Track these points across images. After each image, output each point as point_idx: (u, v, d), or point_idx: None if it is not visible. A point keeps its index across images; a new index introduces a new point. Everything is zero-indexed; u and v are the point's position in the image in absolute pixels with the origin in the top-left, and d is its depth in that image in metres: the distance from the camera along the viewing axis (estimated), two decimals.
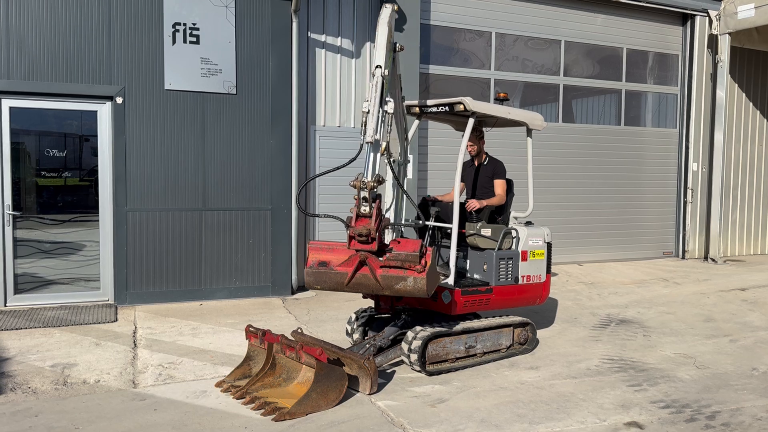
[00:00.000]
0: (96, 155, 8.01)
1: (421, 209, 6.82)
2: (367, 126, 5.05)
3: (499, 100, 6.73)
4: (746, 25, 11.63)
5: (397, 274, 4.83)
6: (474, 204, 6.44)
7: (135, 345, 6.37)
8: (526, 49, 11.13)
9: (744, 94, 13.06)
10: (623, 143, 12.09)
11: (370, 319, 6.46)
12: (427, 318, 6.08)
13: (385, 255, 4.88)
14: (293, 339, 5.40)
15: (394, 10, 5.68)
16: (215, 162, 8.34)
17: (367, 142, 5.03)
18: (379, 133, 5.09)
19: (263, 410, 4.64)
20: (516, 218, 6.68)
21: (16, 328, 6.78)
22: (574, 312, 8.20)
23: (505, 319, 6.21)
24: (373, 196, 4.87)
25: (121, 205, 7.93)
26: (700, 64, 12.41)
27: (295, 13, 8.58)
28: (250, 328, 5.34)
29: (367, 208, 4.86)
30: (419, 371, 5.58)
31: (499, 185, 6.70)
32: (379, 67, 5.21)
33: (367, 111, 5.07)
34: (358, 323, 6.43)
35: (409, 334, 5.61)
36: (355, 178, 4.89)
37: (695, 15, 12.25)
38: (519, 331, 6.31)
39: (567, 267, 11.29)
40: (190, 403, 4.87)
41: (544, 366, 5.98)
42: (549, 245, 6.62)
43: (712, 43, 12.40)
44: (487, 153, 6.87)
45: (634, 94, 12.23)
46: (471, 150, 6.74)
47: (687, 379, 5.68)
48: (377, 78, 5.18)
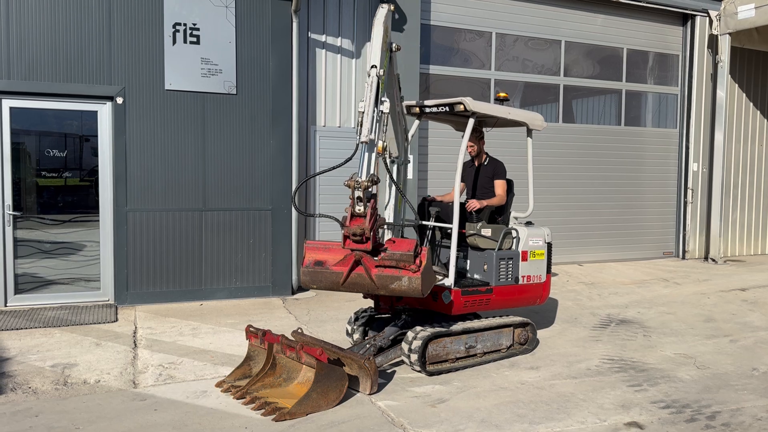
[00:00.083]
0: (96, 155, 8.02)
1: (421, 209, 6.83)
2: (362, 126, 5.06)
3: (500, 101, 6.73)
4: (746, 26, 11.63)
5: (392, 273, 4.83)
6: (474, 204, 6.44)
7: (135, 345, 6.37)
8: (527, 50, 11.13)
9: (744, 95, 13.06)
10: (623, 143, 12.09)
11: (371, 319, 6.46)
12: (427, 318, 6.08)
13: (380, 254, 4.88)
14: (293, 339, 5.40)
15: (391, 10, 5.69)
16: (215, 162, 8.34)
17: (362, 142, 5.04)
18: (374, 132, 5.10)
19: (263, 410, 4.64)
20: (516, 218, 6.68)
21: (17, 328, 6.79)
22: (575, 312, 8.20)
23: (505, 320, 6.21)
24: (367, 196, 4.87)
25: (122, 205, 7.93)
26: (701, 65, 12.41)
27: (295, 13, 8.58)
28: (251, 328, 5.34)
29: (361, 207, 4.86)
30: (419, 371, 5.58)
31: (500, 185, 6.70)
32: (375, 67, 5.22)
33: (363, 111, 5.09)
34: (358, 323, 6.43)
35: (410, 335, 5.61)
36: (349, 178, 4.90)
37: (695, 15, 12.25)
38: (519, 332, 6.31)
39: (567, 267, 11.29)
40: (191, 403, 4.87)
41: (545, 366, 5.98)
42: (549, 245, 6.62)
43: (713, 43, 12.39)
44: (487, 153, 6.87)
45: (635, 94, 12.23)
46: (471, 150, 6.75)
47: (687, 379, 5.68)
48: (372, 78, 5.20)
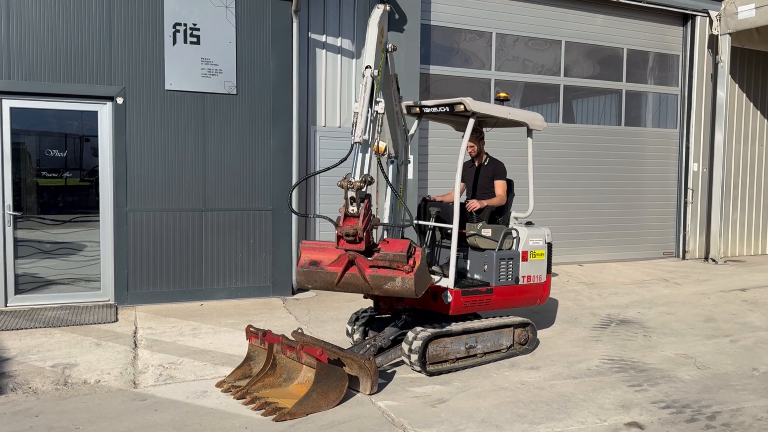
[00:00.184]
0: (96, 155, 8.02)
1: (421, 209, 6.83)
2: (356, 126, 5.07)
3: (500, 101, 6.73)
4: (747, 26, 11.63)
5: (386, 274, 4.83)
6: (474, 204, 6.44)
7: (135, 345, 6.37)
8: (527, 50, 11.13)
9: (744, 95, 13.06)
10: (623, 143, 12.08)
11: (371, 320, 6.46)
12: (427, 318, 6.08)
13: (374, 255, 4.88)
14: (294, 339, 5.40)
15: (386, 10, 5.70)
16: (216, 162, 8.34)
17: (356, 142, 5.04)
18: (368, 133, 5.11)
19: (264, 410, 4.64)
20: (516, 218, 6.68)
21: (17, 329, 6.79)
22: (575, 312, 8.20)
23: (505, 320, 6.21)
24: (361, 196, 4.88)
25: (122, 206, 7.93)
26: (701, 65, 12.41)
27: (295, 14, 8.58)
28: (251, 329, 5.34)
29: (354, 208, 4.86)
30: (420, 371, 5.58)
31: (500, 186, 6.70)
32: (369, 67, 5.22)
33: (357, 111, 5.10)
34: (358, 323, 6.43)
35: (410, 335, 5.61)
36: (343, 178, 4.90)
37: (695, 15, 12.25)
38: (519, 332, 6.31)
39: (567, 267, 11.29)
40: (191, 404, 4.87)
41: (545, 366, 5.98)
42: (549, 245, 6.62)
43: (713, 43, 12.39)
44: (487, 153, 6.87)
45: (635, 94, 12.23)
46: (471, 150, 6.75)
47: (687, 379, 5.68)
48: (367, 78, 5.21)
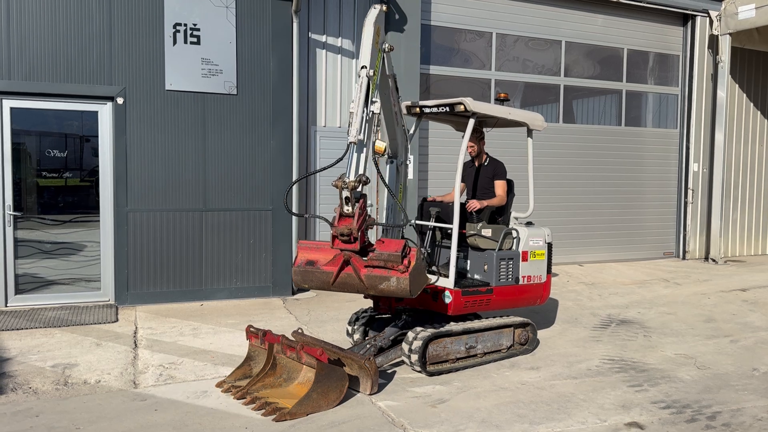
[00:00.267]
0: (97, 156, 8.02)
1: (421, 210, 6.84)
2: (351, 126, 5.07)
3: (500, 101, 6.74)
4: (747, 26, 11.63)
5: (381, 273, 4.83)
6: (474, 204, 6.44)
7: (136, 345, 6.38)
8: (527, 50, 11.13)
9: (745, 95, 13.06)
10: (624, 144, 12.08)
11: (371, 320, 6.46)
12: (427, 318, 6.08)
13: (369, 255, 4.88)
14: (294, 339, 5.40)
15: (383, 11, 5.69)
16: (216, 162, 8.34)
17: (351, 142, 5.05)
18: (363, 133, 5.11)
19: (264, 410, 4.64)
20: (516, 219, 6.68)
21: (17, 329, 6.79)
22: (575, 312, 8.20)
23: (505, 320, 6.21)
24: (356, 196, 4.88)
25: (122, 206, 7.93)
26: (701, 65, 12.41)
27: (295, 14, 8.58)
28: (251, 329, 5.34)
29: (349, 208, 4.87)
30: (420, 372, 5.58)
31: (500, 186, 6.70)
32: (365, 67, 5.22)
33: (353, 111, 5.10)
34: (358, 323, 6.43)
35: (410, 335, 5.61)
36: (338, 178, 4.90)
37: (696, 15, 12.25)
38: (519, 332, 6.31)
39: (567, 267, 11.28)
40: (191, 404, 4.87)
41: (545, 366, 5.98)
42: (549, 246, 6.62)
43: (713, 43, 12.39)
44: (487, 153, 6.87)
45: (635, 94, 12.23)
46: (471, 150, 6.75)
47: (687, 379, 5.68)
48: (363, 78, 5.21)
